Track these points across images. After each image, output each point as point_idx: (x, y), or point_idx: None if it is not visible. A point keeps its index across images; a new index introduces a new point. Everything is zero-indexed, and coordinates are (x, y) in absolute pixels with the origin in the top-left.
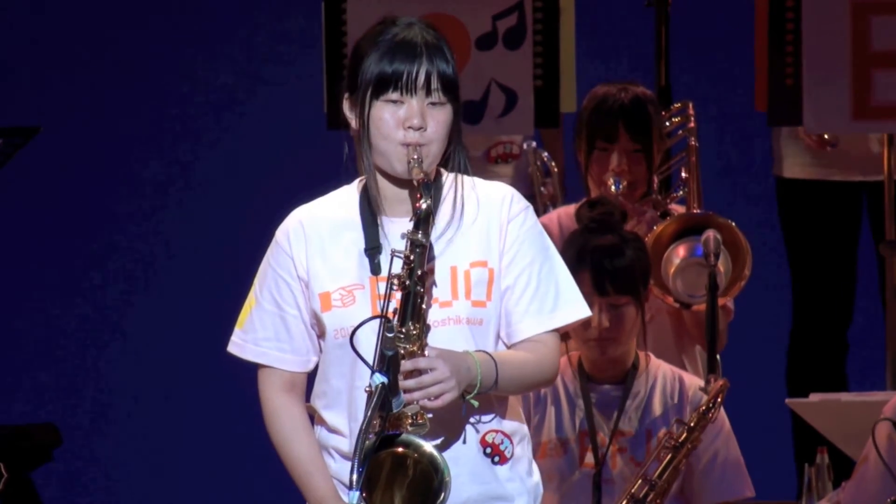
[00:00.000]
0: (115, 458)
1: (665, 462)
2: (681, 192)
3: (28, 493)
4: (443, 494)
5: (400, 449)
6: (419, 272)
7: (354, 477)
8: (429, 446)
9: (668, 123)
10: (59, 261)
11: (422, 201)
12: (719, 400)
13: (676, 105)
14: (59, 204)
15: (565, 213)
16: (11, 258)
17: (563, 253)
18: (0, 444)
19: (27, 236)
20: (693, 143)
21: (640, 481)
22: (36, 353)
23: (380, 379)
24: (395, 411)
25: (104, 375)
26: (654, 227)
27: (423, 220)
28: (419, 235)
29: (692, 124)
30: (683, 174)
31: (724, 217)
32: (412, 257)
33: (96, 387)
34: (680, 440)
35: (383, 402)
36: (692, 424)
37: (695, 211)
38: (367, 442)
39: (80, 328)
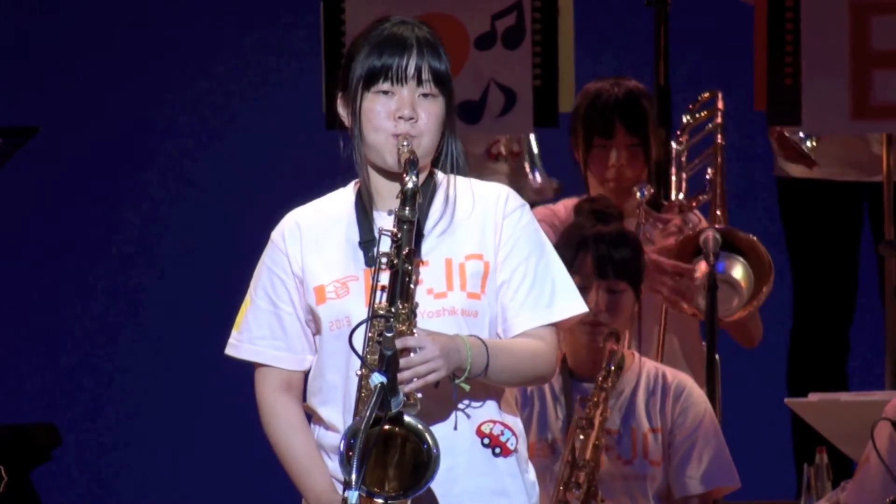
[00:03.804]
0: (115, 458)
1: (582, 441)
2: (705, 196)
3: (27, 493)
4: (431, 463)
5: (386, 427)
6: (406, 250)
7: (354, 477)
8: (410, 418)
9: (691, 118)
10: (58, 261)
11: (408, 179)
12: (612, 368)
13: (704, 95)
14: (58, 204)
15: (572, 205)
16: (11, 258)
17: (565, 237)
18: (0, 443)
19: (26, 236)
20: (720, 140)
21: (566, 468)
22: (36, 353)
23: (378, 379)
24: (393, 411)
25: (104, 375)
26: (676, 240)
27: (410, 198)
28: (406, 212)
29: (719, 119)
30: (709, 173)
31: (745, 232)
32: (399, 234)
33: (96, 387)
34: (588, 416)
35: (382, 401)
36: (595, 400)
37: (718, 226)
38: (365, 440)
39: (80, 328)
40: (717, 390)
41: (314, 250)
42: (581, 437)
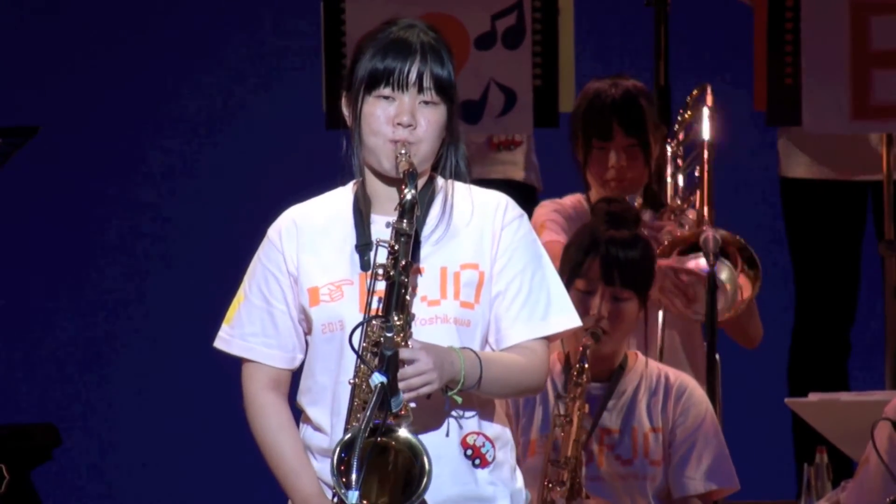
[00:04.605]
0: (115, 458)
1: (563, 439)
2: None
3: (28, 493)
4: (425, 480)
5: (379, 438)
6: (403, 262)
7: (354, 477)
8: (405, 432)
9: (683, 117)
10: (58, 261)
11: (406, 191)
12: (587, 366)
13: (695, 91)
14: (58, 204)
15: (577, 201)
16: (11, 257)
17: (577, 238)
18: (0, 443)
19: (26, 236)
20: (707, 138)
21: (549, 466)
22: (36, 353)
23: (379, 378)
24: (394, 411)
25: (104, 375)
26: (666, 240)
27: (408, 210)
28: (404, 224)
29: (706, 116)
30: (697, 172)
31: (732, 233)
32: (396, 247)
33: (96, 387)
34: (567, 413)
35: (383, 401)
36: (572, 396)
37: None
38: (364, 441)
39: (80, 328)
40: (718, 390)
41: (310, 251)
42: (561, 434)
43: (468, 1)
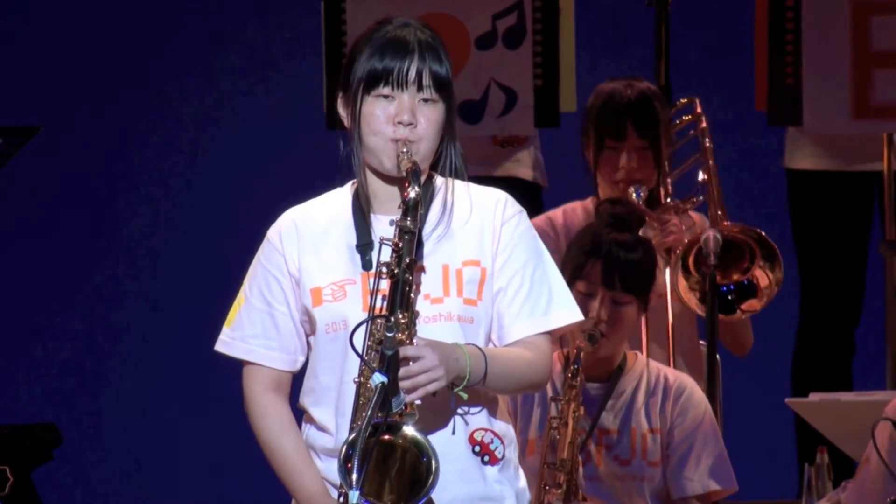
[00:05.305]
0: (115, 458)
1: (559, 441)
2: (701, 197)
3: (28, 493)
4: (431, 478)
5: (386, 436)
6: (407, 259)
7: (354, 476)
8: (411, 430)
9: (676, 122)
10: (59, 260)
11: (409, 189)
12: (580, 368)
13: (682, 101)
14: (59, 204)
15: (570, 210)
16: (11, 257)
17: (579, 239)
18: (0, 444)
19: (27, 236)
20: (708, 144)
21: (545, 468)
22: (36, 354)
23: (379, 378)
24: (395, 411)
25: (104, 375)
26: (675, 239)
27: (412, 208)
28: (408, 222)
29: (703, 124)
30: (701, 176)
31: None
32: (401, 244)
33: (96, 387)
34: (562, 416)
35: (383, 401)
36: (566, 398)
37: (725, 223)
38: (366, 441)
39: (80, 328)
40: (718, 390)
41: (311, 252)
42: (557, 436)
43: (469, 1)
